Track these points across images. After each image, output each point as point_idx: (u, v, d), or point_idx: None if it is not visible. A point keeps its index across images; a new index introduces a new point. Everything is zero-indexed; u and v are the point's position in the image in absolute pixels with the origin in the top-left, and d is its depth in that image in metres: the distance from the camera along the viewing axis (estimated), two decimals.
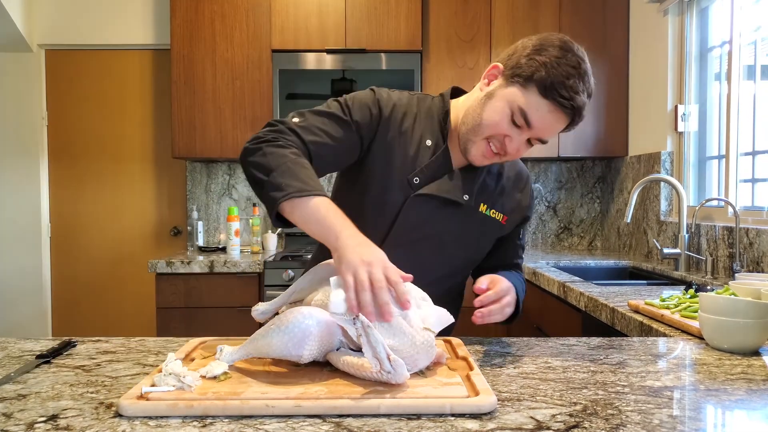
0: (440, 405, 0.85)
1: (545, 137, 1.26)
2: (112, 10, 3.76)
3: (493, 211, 1.39)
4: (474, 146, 1.29)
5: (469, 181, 1.34)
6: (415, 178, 1.31)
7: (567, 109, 1.20)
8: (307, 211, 1.11)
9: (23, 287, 3.81)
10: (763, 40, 2.42)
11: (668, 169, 3.00)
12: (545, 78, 1.19)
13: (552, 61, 1.19)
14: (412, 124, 1.34)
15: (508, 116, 1.23)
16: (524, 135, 1.25)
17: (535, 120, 1.22)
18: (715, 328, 1.22)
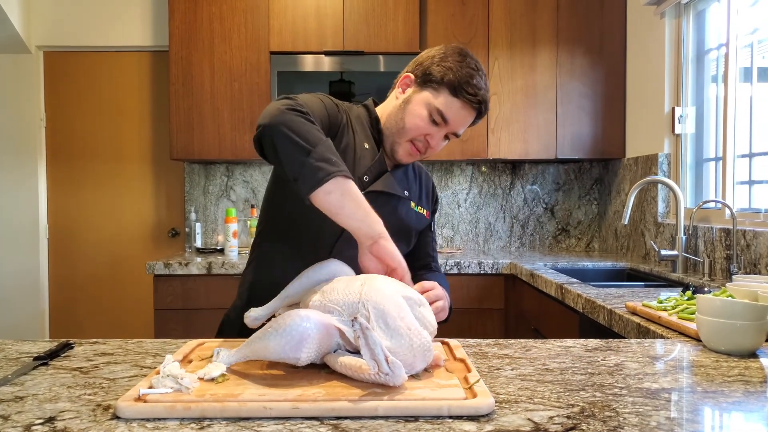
0: (438, 407, 0.85)
1: (458, 131, 1.44)
2: (111, 11, 3.76)
3: (419, 207, 1.55)
4: (400, 147, 1.45)
5: (402, 180, 1.51)
6: (366, 176, 1.42)
7: (474, 104, 1.40)
8: (351, 194, 1.15)
9: (20, 288, 3.80)
10: (759, 42, 2.43)
11: (665, 171, 3.00)
12: (453, 80, 1.39)
13: (456, 66, 1.40)
14: (354, 130, 1.46)
15: (427, 117, 1.41)
16: (442, 131, 1.43)
17: (450, 117, 1.40)
18: (713, 330, 1.22)
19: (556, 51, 3.40)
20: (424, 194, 1.59)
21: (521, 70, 3.40)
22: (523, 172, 3.79)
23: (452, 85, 1.39)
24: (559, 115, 3.41)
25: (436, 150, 1.47)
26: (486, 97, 1.41)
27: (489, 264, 3.06)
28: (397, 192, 1.46)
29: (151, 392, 0.89)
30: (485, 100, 1.41)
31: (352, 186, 1.16)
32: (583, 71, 3.41)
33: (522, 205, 3.80)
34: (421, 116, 1.41)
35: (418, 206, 1.54)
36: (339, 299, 1.04)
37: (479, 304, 3.07)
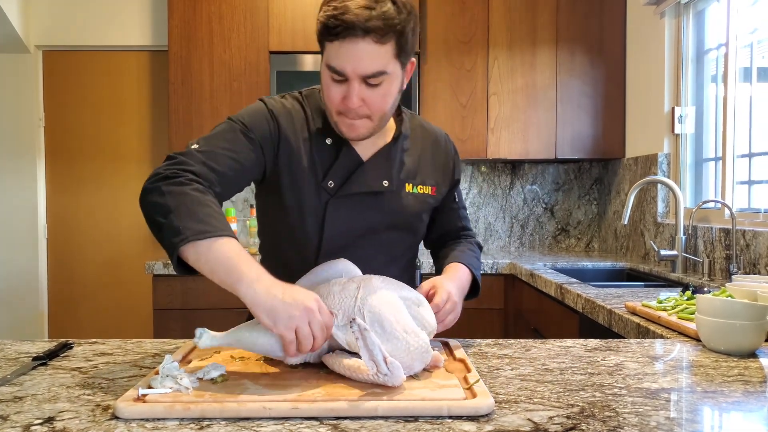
0: (438, 407, 0.85)
1: (368, 71, 1.16)
2: (110, 11, 3.76)
3: (420, 186, 1.37)
4: (339, 125, 1.25)
5: (382, 168, 1.31)
6: (329, 182, 1.28)
7: (347, 32, 1.12)
8: (210, 255, 1.02)
9: (19, 288, 3.80)
10: (759, 42, 2.43)
11: (665, 171, 3.00)
12: (321, 26, 1.16)
13: (321, 10, 1.17)
14: (307, 126, 1.30)
15: (330, 81, 1.20)
16: (353, 84, 1.17)
17: (342, 64, 1.16)
18: (712, 330, 1.22)
19: (556, 50, 3.40)
20: (430, 166, 1.41)
21: (521, 69, 3.40)
22: (523, 172, 3.79)
23: (322, 31, 1.16)
24: (558, 114, 3.41)
25: (376, 105, 1.21)
26: (361, 15, 1.11)
27: (489, 264, 3.06)
28: (369, 188, 1.29)
29: (151, 392, 0.89)
30: (357, 20, 1.11)
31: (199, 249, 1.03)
32: (583, 71, 3.41)
33: (522, 205, 3.80)
34: (326, 83, 1.21)
35: (418, 186, 1.36)
36: (335, 302, 1.04)
37: (479, 303, 3.07)
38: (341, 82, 1.19)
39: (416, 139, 1.41)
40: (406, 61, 1.23)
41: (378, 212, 1.33)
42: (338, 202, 1.29)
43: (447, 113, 3.39)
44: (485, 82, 3.40)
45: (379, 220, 1.34)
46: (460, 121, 3.39)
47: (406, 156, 1.37)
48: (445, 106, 3.39)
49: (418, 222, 1.41)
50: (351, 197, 1.29)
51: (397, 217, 1.35)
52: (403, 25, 1.16)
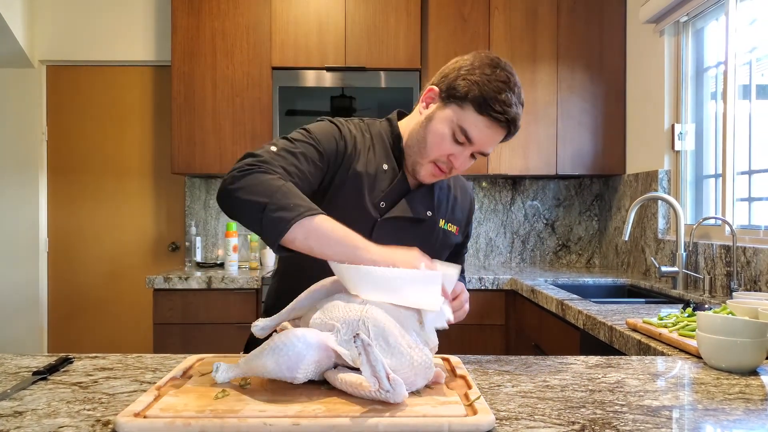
0: (438, 424, 0.85)
1: (486, 150, 1.34)
2: (114, 26, 3.79)
3: (449, 224, 1.48)
4: (422, 168, 1.37)
5: (427, 199, 1.43)
6: (382, 203, 1.37)
7: (502, 122, 1.28)
8: (324, 229, 1.10)
9: (20, 302, 3.80)
10: (758, 60, 2.45)
11: (665, 188, 3.01)
12: (479, 96, 1.27)
13: (483, 79, 1.28)
14: (369, 151, 1.40)
15: (450, 136, 1.31)
16: (467, 151, 1.33)
17: (475, 136, 1.30)
18: (713, 347, 1.22)
19: (557, 68, 3.42)
20: (459, 209, 1.52)
21: (522, 86, 3.41)
22: (524, 188, 3.80)
23: (478, 101, 1.27)
24: (559, 131, 3.43)
25: (461, 170, 1.37)
26: (517, 114, 1.29)
27: (489, 280, 3.05)
28: (416, 215, 1.40)
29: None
30: (515, 118, 1.29)
31: (314, 223, 1.10)
32: (584, 88, 3.43)
33: (522, 221, 3.80)
34: (443, 135, 1.32)
35: (448, 223, 1.47)
36: (339, 316, 1.04)
37: (480, 320, 3.07)
38: (459, 144, 1.32)
39: (450, 182, 1.52)
40: None
41: (415, 240, 1.36)
42: (386, 223, 1.38)
43: None
44: None
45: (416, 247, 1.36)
46: None
47: (443, 195, 1.48)
48: None
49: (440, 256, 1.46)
50: (397, 220, 1.38)
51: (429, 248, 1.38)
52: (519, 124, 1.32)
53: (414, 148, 1.38)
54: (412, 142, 1.39)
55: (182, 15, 3.36)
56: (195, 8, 3.36)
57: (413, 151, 1.38)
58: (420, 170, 1.37)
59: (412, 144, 1.38)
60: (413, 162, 1.38)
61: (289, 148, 1.27)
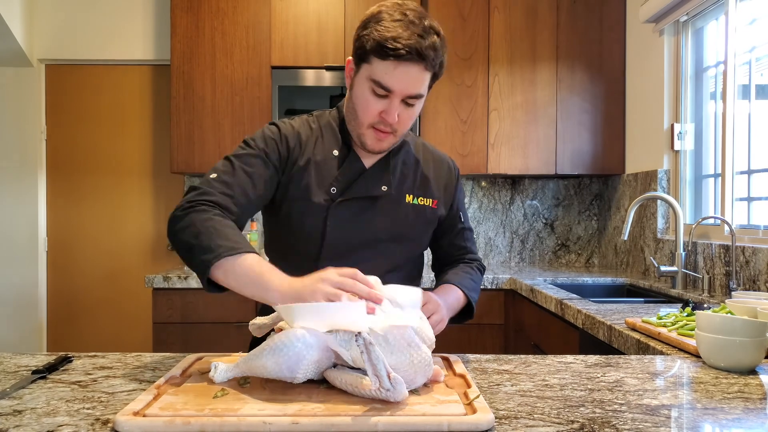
0: (438, 423, 0.85)
1: (412, 92, 1.28)
2: (113, 25, 3.79)
3: (420, 198, 1.45)
4: (365, 137, 1.35)
5: (384, 174, 1.41)
6: (332, 188, 1.37)
7: (406, 56, 1.23)
8: (240, 270, 1.12)
9: (19, 301, 3.80)
10: (757, 60, 2.45)
11: (665, 187, 3.01)
12: (376, 44, 1.25)
13: (376, 28, 1.26)
14: (318, 141, 1.41)
15: (371, 94, 1.29)
16: (394, 101, 1.29)
17: (390, 82, 1.26)
18: (712, 346, 1.22)
19: (556, 67, 3.42)
20: (433, 182, 1.49)
21: (521, 86, 3.43)
22: (523, 188, 3.80)
23: (376, 49, 1.25)
24: (558, 130, 3.43)
25: (406, 123, 1.34)
26: (420, 42, 1.23)
27: (489, 279, 3.06)
28: (370, 193, 1.38)
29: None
30: (419, 47, 1.23)
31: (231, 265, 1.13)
32: (583, 87, 3.43)
33: (522, 221, 3.80)
34: (365, 96, 1.31)
35: (419, 197, 1.45)
36: None
37: (479, 319, 3.06)
38: (382, 98, 1.29)
39: (419, 156, 1.50)
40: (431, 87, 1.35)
41: (378, 219, 1.39)
42: (340, 206, 1.38)
43: (447, 129, 3.40)
44: (486, 98, 3.42)
45: (379, 228, 1.39)
46: (461, 136, 3.41)
47: (407, 169, 1.45)
48: (445, 122, 3.40)
49: (418, 234, 1.47)
50: (352, 202, 1.37)
51: (397, 226, 1.42)
52: (443, 57, 1.29)
53: (351, 122, 1.38)
54: (348, 117, 1.39)
55: (181, 14, 3.36)
56: (194, 7, 3.36)
57: (352, 125, 1.38)
58: (365, 140, 1.35)
59: (349, 119, 1.39)
60: (357, 136, 1.37)
61: (227, 170, 1.31)
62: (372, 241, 1.39)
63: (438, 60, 1.27)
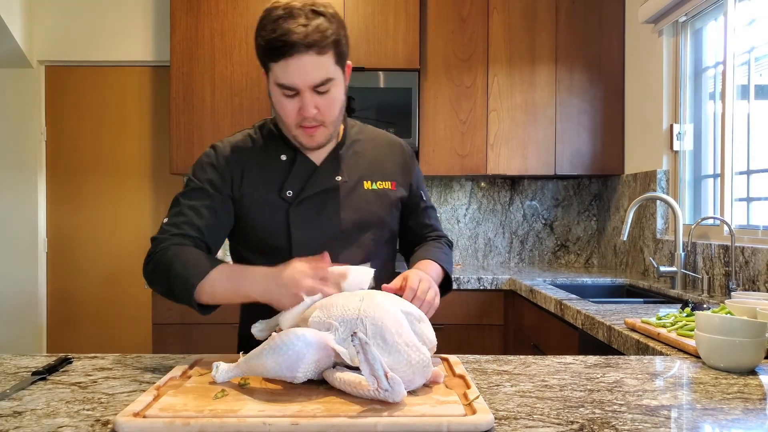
0: (437, 423, 0.85)
1: (315, 80, 1.27)
2: (113, 27, 3.79)
3: (379, 183, 1.46)
4: (298, 137, 1.36)
5: (335, 166, 1.42)
6: (288, 192, 1.38)
7: (290, 50, 1.22)
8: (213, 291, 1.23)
9: (19, 303, 3.79)
10: (756, 60, 2.45)
11: (664, 188, 3.01)
12: (262, 50, 1.26)
13: (260, 33, 1.26)
14: (261, 151, 1.43)
15: (282, 97, 1.30)
16: (306, 95, 1.28)
17: (290, 80, 1.26)
18: (712, 347, 1.22)
19: (555, 68, 3.42)
20: (388, 163, 1.50)
21: (520, 86, 3.43)
22: (523, 188, 3.81)
23: (265, 55, 1.26)
24: (558, 131, 3.43)
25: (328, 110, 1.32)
26: (302, 32, 1.21)
27: (488, 280, 3.06)
28: (324, 186, 1.39)
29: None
30: (300, 38, 1.21)
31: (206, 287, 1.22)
32: (582, 88, 3.44)
33: (521, 221, 3.80)
34: (279, 101, 1.31)
35: (377, 182, 1.46)
36: (338, 315, 1.04)
37: (478, 320, 3.07)
38: (293, 97, 1.29)
39: (368, 142, 1.52)
40: (344, 66, 1.34)
41: (340, 211, 1.41)
42: (299, 207, 1.39)
43: (447, 129, 3.41)
44: (485, 98, 3.42)
45: (344, 219, 1.41)
46: (460, 137, 3.41)
47: (359, 158, 1.48)
48: (444, 123, 3.41)
49: (384, 218, 1.47)
50: (310, 200, 1.39)
51: (360, 214, 1.43)
52: (337, 33, 1.28)
53: (282, 128, 1.38)
54: (279, 124, 1.40)
55: (181, 15, 3.36)
56: (194, 8, 3.36)
57: (284, 130, 1.38)
58: (300, 140, 1.36)
59: (280, 125, 1.39)
60: (291, 138, 1.38)
61: (175, 210, 1.37)
62: (339, 234, 1.40)
63: (329, 39, 1.25)
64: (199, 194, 1.38)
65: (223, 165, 1.40)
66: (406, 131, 3.30)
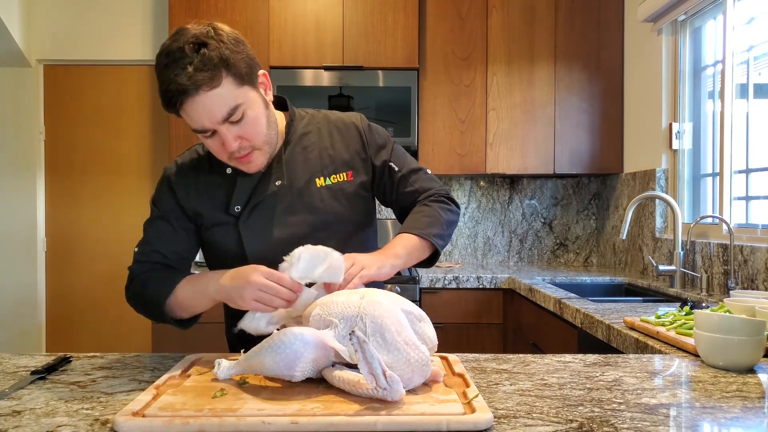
0: (437, 422, 0.85)
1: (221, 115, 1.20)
2: (111, 25, 3.78)
3: (332, 177, 1.39)
4: (238, 167, 1.31)
5: (276, 171, 1.36)
6: (236, 208, 1.35)
7: (183, 97, 1.17)
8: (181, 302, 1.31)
9: (18, 302, 3.79)
10: (755, 59, 2.45)
11: (663, 187, 3.02)
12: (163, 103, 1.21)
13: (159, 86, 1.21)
14: (206, 171, 1.38)
15: (203, 138, 1.26)
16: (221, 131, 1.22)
17: (198, 123, 1.21)
18: (711, 345, 1.22)
19: (554, 67, 3.42)
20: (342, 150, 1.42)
21: (519, 85, 3.43)
22: (522, 187, 3.81)
23: (164, 106, 1.21)
24: (557, 130, 3.43)
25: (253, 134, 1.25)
26: (185, 77, 1.15)
27: (487, 278, 3.06)
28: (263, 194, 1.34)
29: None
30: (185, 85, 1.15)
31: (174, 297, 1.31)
32: (581, 87, 3.44)
33: (520, 220, 3.80)
34: (204, 143, 1.29)
35: (331, 176, 1.39)
36: (338, 312, 1.04)
37: (478, 318, 3.07)
38: (212, 136, 1.24)
39: (317, 133, 1.43)
40: (251, 81, 1.26)
41: (292, 215, 1.36)
42: (248, 221, 1.35)
43: (446, 128, 3.41)
44: (484, 97, 3.42)
45: (297, 223, 1.36)
46: (459, 136, 3.41)
47: (308, 153, 1.40)
48: (443, 122, 3.41)
49: (344, 213, 1.40)
50: (257, 211, 1.35)
51: (317, 214, 1.37)
52: (223, 58, 1.18)
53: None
54: None
55: (180, 14, 3.36)
56: (192, 7, 3.36)
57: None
58: (242, 169, 1.32)
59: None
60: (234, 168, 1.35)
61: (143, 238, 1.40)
62: (296, 239, 1.29)
63: (218, 68, 1.16)
64: (159, 221, 1.39)
65: (173, 189, 1.38)
66: (405, 130, 3.30)
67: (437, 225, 1.39)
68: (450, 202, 1.47)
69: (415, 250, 1.35)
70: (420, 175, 1.48)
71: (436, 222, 1.39)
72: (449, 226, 1.43)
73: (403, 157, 1.49)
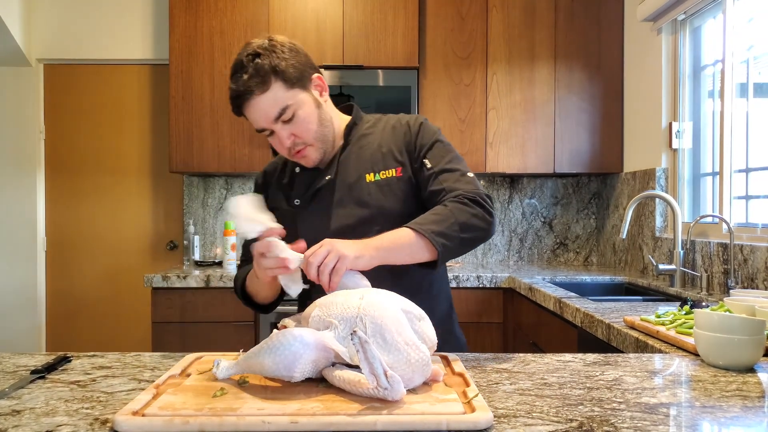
0: (437, 422, 0.85)
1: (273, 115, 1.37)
2: (111, 25, 3.78)
3: (382, 173, 1.47)
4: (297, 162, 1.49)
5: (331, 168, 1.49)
6: (296, 201, 1.50)
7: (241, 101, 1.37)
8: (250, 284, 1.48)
9: (18, 301, 3.79)
10: (755, 58, 2.45)
11: (663, 186, 3.02)
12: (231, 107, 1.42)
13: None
14: (282, 170, 1.57)
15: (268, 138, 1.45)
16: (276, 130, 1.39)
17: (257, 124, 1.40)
18: (711, 344, 1.22)
19: (555, 66, 3.42)
20: (392, 146, 1.49)
21: (519, 84, 3.43)
22: (522, 186, 3.81)
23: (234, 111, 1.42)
24: (557, 129, 3.43)
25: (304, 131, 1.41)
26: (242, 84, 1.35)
27: (487, 278, 3.06)
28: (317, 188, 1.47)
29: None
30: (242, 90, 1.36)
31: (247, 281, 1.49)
32: (582, 86, 3.43)
33: (520, 219, 3.80)
34: (268, 141, 1.46)
35: (380, 173, 1.46)
36: (337, 313, 1.04)
37: (478, 318, 3.07)
38: (271, 135, 1.42)
39: (377, 134, 1.53)
40: (302, 84, 1.42)
41: (341, 208, 1.45)
42: (303, 213, 1.49)
43: (446, 127, 3.40)
44: (484, 97, 3.42)
45: (346, 215, 1.45)
46: (459, 135, 3.41)
47: (363, 152, 1.50)
48: (443, 121, 3.40)
49: (392, 207, 1.44)
50: (312, 203, 1.49)
51: (365, 207, 1.44)
52: (273, 66, 1.36)
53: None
54: None
55: (180, 13, 3.36)
56: (193, 6, 3.36)
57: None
58: (300, 164, 1.49)
59: None
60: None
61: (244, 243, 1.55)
62: (344, 231, 1.38)
63: (268, 74, 1.35)
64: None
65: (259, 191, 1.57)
66: None
67: (443, 224, 1.31)
68: (474, 205, 1.37)
69: (406, 246, 1.28)
70: (453, 174, 1.44)
71: (444, 221, 1.32)
72: (463, 228, 1.33)
73: (443, 156, 1.48)
